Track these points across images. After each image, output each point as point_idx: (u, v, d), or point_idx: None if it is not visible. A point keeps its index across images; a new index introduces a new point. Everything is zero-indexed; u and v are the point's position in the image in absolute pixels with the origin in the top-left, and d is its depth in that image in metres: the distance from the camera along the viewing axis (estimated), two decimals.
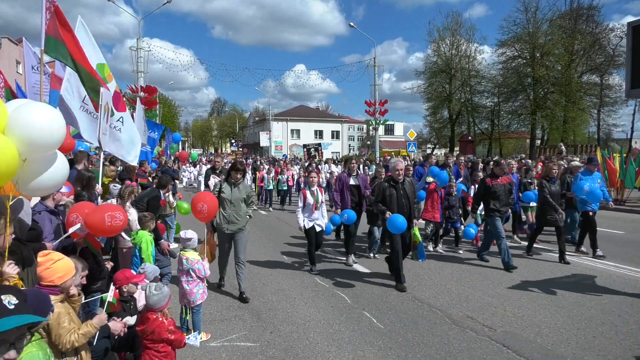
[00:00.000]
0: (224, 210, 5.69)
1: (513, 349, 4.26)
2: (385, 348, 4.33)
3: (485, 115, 44.38)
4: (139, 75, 24.78)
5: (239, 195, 5.76)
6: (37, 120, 2.40)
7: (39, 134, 2.39)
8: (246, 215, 5.85)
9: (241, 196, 5.77)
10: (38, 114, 2.43)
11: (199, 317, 4.53)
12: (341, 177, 7.69)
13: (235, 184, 5.77)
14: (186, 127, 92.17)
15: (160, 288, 3.27)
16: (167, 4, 26.26)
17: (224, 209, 5.69)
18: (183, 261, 4.49)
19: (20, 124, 2.34)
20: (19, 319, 1.67)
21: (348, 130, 68.01)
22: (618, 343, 4.41)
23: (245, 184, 5.99)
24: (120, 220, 3.71)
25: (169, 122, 59.97)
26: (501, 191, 7.41)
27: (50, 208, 4.19)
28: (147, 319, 3.20)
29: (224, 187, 5.76)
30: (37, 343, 2.02)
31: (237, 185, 5.78)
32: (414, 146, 29.45)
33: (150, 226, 5.13)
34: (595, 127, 39.49)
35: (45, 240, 3.77)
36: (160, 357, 3.16)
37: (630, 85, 5.18)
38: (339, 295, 5.92)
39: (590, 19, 37.50)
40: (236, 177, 5.76)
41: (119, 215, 3.70)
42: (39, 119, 2.41)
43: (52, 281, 2.60)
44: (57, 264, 2.65)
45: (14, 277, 2.38)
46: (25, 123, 2.36)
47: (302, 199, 6.94)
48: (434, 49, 44.34)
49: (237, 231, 5.76)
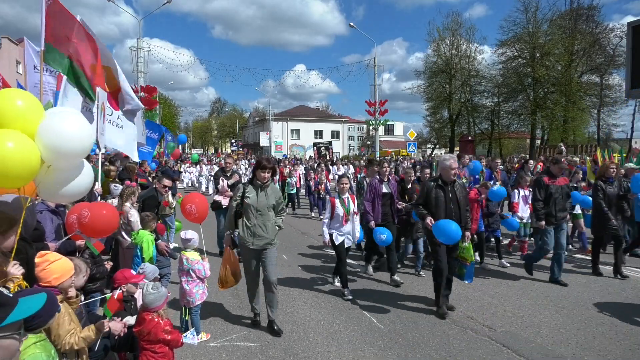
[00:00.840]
0: (248, 220, 4.65)
1: (513, 349, 4.27)
2: (385, 348, 4.34)
3: (485, 115, 44.37)
4: (139, 75, 24.79)
5: (266, 202, 4.66)
6: (66, 129, 2.42)
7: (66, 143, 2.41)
8: (276, 226, 4.76)
9: (269, 202, 4.68)
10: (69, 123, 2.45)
11: (197, 317, 4.53)
12: (372, 184, 6.56)
13: (263, 186, 4.68)
14: (186, 127, 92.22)
15: (157, 288, 3.27)
16: (167, 4, 26.27)
17: (248, 218, 4.65)
18: (183, 261, 4.50)
19: (49, 132, 2.36)
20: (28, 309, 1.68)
21: (348, 130, 68.00)
22: (618, 343, 4.42)
23: (274, 187, 4.84)
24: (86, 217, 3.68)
25: (169, 122, 60.00)
26: (558, 194, 6.35)
27: (51, 207, 4.19)
28: (143, 319, 3.20)
29: (248, 192, 4.68)
30: (41, 344, 2.01)
31: (265, 189, 4.69)
32: (414, 146, 29.50)
33: (152, 226, 5.14)
34: (595, 127, 39.53)
35: (46, 240, 3.78)
36: (158, 357, 3.16)
37: (630, 85, 5.19)
38: (338, 295, 5.91)
39: (590, 19, 37.50)
40: (263, 177, 4.65)
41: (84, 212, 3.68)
42: (68, 129, 2.43)
43: (49, 282, 2.60)
44: (53, 265, 2.65)
45: (19, 277, 2.38)
46: (55, 131, 2.38)
47: (330, 209, 5.87)
48: (434, 49, 44.36)
49: (265, 246, 4.66)
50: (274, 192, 4.80)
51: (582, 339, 4.51)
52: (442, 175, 5.25)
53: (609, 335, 4.60)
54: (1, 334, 1.45)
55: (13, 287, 2.30)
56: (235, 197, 4.80)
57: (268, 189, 4.72)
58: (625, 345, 4.38)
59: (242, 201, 4.70)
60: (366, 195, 6.59)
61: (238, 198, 4.73)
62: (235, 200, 4.77)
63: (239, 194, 4.76)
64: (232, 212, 4.78)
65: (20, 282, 2.37)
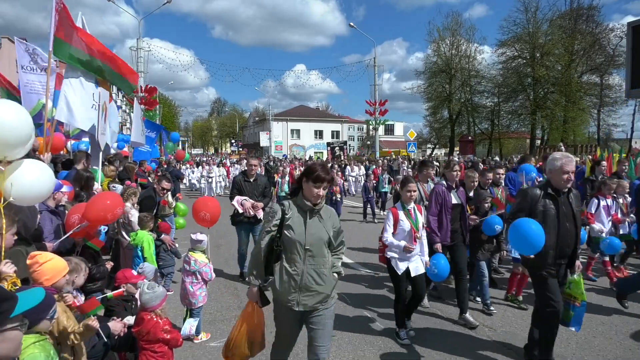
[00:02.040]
0: (289, 264, 2.92)
1: (513, 349, 4.27)
2: (385, 348, 4.33)
3: (485, 115, 44.35)
4: (139, 75, 24.82)
5: (320, 234, 2.95)
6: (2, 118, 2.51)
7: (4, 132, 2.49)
8: (334, 273, 3.04)
9: (324, 235, 2.97)
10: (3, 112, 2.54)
11: (198, 320, 4.51)
12: (439, 192, 5.01)
13: (314, 210, 2.95)
14: (186, 127, 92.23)
15: (153, 287, 3.27)
16: (167, 4, 26.31)
17: (289, 261, 2.92)
18: (191, 262, 4.43)
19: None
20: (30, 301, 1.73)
21: (348, 130, 67.98)
22: (618, 343, 4.42)
23: (329, 210, 3.11)
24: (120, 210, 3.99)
25: (169, 122, 60.03)
26: None
27: (51, 208, 4.19)
28: (142, 319, 3.20)
29: (290, 218, 2.94)
30: (40, 344, 2.01)
31: (317, 213, 2.98)
32: (414, 146, 29.49)
33: (150, 226, 5.14)
34: (595, 127, 39.53)
35: (45, 240, 3.78)
36: (157, 357, 3.15)
37: (630, 85, 5.19)
38: (339, 295, 5.91)
39: (590, 19, 37.50)
40: (316, 195, 2.90)
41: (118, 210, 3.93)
42: (3, 118, 2.51)
43: (41, 283, 2.59)
44: (44, 266, 2.63)
45: (11, 275, 2.38)
46: None
47: (392, 223, 4.47)
48: (434, 49, 44.33)
49: (316, 306, 2.94)
50: (331, 217, 3.05)
51: (582, 338, 4.51)
52: (551, 181, 3.84)
53: (609, 335, 4.60)
54: (10, 325, 1.52)
55: (7, 285, 2.30)
56: (269, 225, 2.95)
57: (323, 212, 3.00)
58: (625, 345, 4.38)
59: (279, 233, 2.92)
60: (431, 209, 4.99)
61: (273, 228, 2.94)
62: (268, 232, 2.94)
63: (275, 220, 2.94)
64: (263, 250, 2.95)
65: (14, 280, 2.38)
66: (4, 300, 1.49)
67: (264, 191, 6.53)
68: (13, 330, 1.54)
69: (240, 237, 6.61)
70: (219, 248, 8.73)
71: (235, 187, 6.48)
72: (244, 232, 6.57)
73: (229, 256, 8.12)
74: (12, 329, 1.53)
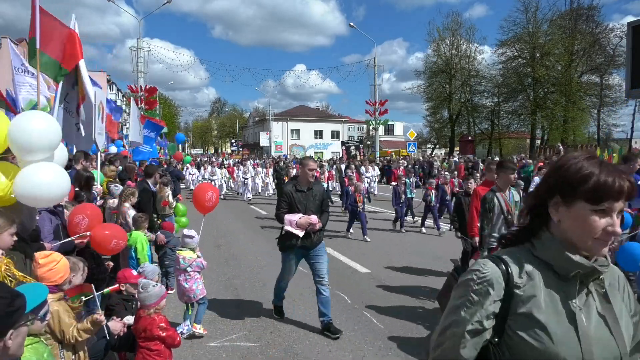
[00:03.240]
0: None
1: None
2: (385, 348, 4.33)
3: (485, 115, 44.37)
4: (139, 75, 24.83)
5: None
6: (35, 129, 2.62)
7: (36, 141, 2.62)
8: None
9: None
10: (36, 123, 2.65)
11: (204, 307, 4.63)
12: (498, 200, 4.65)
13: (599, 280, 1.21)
14: (186, 127, 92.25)
15: (147, 287, 3.28)
16: (167, 4, 26.32)
17: None
18: (180, 260, 4.51)
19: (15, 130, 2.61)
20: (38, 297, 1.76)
21: (348, 130, 67.95)
22: None
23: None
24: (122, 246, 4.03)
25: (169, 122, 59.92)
26: None
27: (50, 208, 4.19)
28: (139, 316, 3.21)
29: (530, 298, 1.17)
30: (33, 347, 2.00)
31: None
32: (414, 146, 29.51)
33: (144, 227, 5.17)
34: (595, 127, 39.56)
35: (45, 241, 3.78)
36: (153, 355, 3.13)
37: (630, 85, 5.19)
38: (339, 296, 5.91)
39: (590, 19, 37.51)
40: None
41: (122, 243, 3.98)
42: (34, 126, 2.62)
43: (55, 281, 2.66)
44: (58, 265, 2.71)
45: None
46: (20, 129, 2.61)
47: None
48: (434, 49, 44.34)
49: None
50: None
51: None
52: None
53: None
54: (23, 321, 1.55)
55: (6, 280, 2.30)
56: (474, 312, 1.20)
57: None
58: None
59: (499, 332, 1.20)
60: None
61: (486, 322, 1.20)
62: (474, 333, 1.20)
63: (490, 301, 1.19)
64: None
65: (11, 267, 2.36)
66: (16, 297, 1.52)
67: (322, 204, 4.79)
68: (24, 326, 1.58)
69: (288, 266, 4.94)
70: (219, 248, 8.73)
71: (284, 201, 4.73)
72: (295, 260, 4.88)
73: (228, 256, 8.13)
74: (24, 324, 1.57)
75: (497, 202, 4.63)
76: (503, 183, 4.75)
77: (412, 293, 6.00)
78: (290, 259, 4.85)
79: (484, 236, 4.76)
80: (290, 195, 4.69)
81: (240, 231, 10.64)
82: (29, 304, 1.60)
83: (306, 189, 4.71)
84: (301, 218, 4.55)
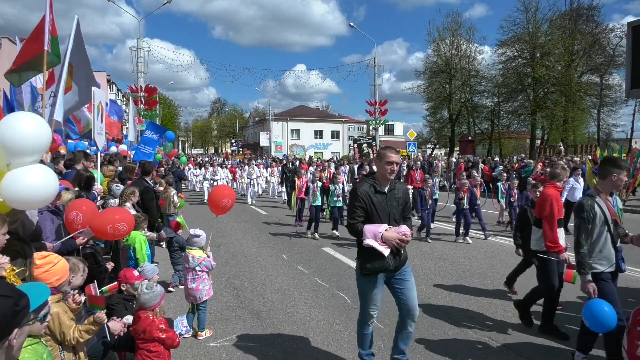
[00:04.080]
0: None
1: (513, 349, 4.26)
2: (385, 348, 4.33)
3: (485, 115, 44.38)
4: (139, 75, 24.83)
5: None
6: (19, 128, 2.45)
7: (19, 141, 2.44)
8: None
9: None
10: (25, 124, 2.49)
11: (204, 313, 4.60)
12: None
13: None
14: (186, 127, 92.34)
15: (151, 287, 3.28)
16: (167, 3, 26.32)
17: None
18: (189, 259, 4.53)
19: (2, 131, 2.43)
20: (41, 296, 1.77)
21: (348, 130, 67.96)
22: None
23: None
24: (124, 230, 3.86)
25: (169, 122, 60.03)
26: None
27: (51, 208, 4.19)
28: (138, 317, 3.21)
29: None
30: (32, 348, 2.00)
31: None
32: (414, 146, 29.47)
33: (143, 227, 5.17)
34: (595, 127, 39.59)
35: (47, 241, 3.78)
36: (152, 356, 3.14)
37: (630, 85, 5.19)
38: (339, 295, 5.91)
39: (590, 19, 37.51)
40: None
41: (121, 226, 3.82)
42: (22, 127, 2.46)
43: (51, 283, 2.62)
44: (56, 267, 2.67)
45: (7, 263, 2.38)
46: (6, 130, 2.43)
47: None
48: (434, 49, 44.34)
49: None
50: None
51: None
52: None
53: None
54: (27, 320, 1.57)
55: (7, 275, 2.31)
56: None
57: None
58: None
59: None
60: None
61: None
62: None
63: None
64: None
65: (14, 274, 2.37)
66: (20, 296, 1.53)
67: (404, 209, 3.69)
68: (27, 326, 1.59)
69: (373, 299, 3.67)
70: (219, 248, 8.73)
71: (359, 207, 3.52)
72: (381, 287, 3.66)
73: (228, 256, 8.13)
74: (27, 324, 1.59)
75: (600, 211, 3.62)
76: (610, 185, 3.67)
77: None
78: (374, 286, 3.60)
79: (582, 254, 3.63)
80: (367, 199, 3.50)
81: (240, 231, 10.64)
82: (31, 304, 1.60)
83: (387, 189, 3.57)
84: (388, 230, 3.42)
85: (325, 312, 5.33)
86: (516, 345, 4.34)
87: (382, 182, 3.57)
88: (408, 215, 3.74)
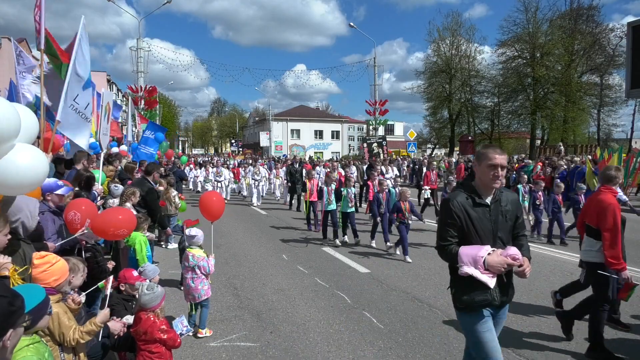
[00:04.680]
0: None
1: (513, 349, 4.27)
2: (385, 348, 4.33)
3: (485, 115, 44.43)
4: (139, 75, 24.82)
5: None
6: None
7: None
8: None
9: None
10: None
11: (207, 310, 4.63)
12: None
13: None
14: (186, 127, 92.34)
15: (152, 288, 3.28)
16: (167, 3, 26.32)
17: None
18: (189, 258, 4.55)
19: None
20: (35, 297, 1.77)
21: (348, 130, 67.99)
22: (618, 342, 4.41)
23: None
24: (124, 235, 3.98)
25: (169, 122, 59.99)
26: None
27: (53, 208, 4.19)
28: (139, 319, 3.20)
29: None
30: (34, 347, 2.00)
31: None
32: (414, 146, 29.51)
33: (144, 227, 5.17)
34: (595, 127, 39.64)
35: (49, 241, 3.78)
36: (154, 357, 3.14)
37: (630, 85, 5.18)
38: (339, 295, 5.91)
39: (590, 19, 37.56)
40: None
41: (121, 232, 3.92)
42: None
43: (49, 284, 2.61)
44: (54, 267, 2.66)
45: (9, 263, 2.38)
46: None
47: None
48: (434, 49, 44.41)
49: None
50: None
51: (582, 338, 4.51)
52: None
53: (609, 335, 4.59)
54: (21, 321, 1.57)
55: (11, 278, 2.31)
56: None
57: None
58: (625, 344, 4.38)
59: None
60: None
61: None
62: None
63: None
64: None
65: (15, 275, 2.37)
66: (15, 297, 1.53)
67: (515, 225, 2.86)
68: (21, 327, 1.59)
69: (489, 338, 2.86)
70: (219, 248, 8.73)
71: (453, 225, 2.73)
72: (492, 323, 2.88)
73: (228, 256, 8.13)
74: (21, 325, 1.59)
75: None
76: None
77: (412, 293, 6.01)
78: (484, 322, 2.81)
79: None
80: (463, 214, 2.69)
81: (240, 231, 10.63)
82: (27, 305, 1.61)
83: (490, 200, 2.74)
84: (491, 253, 2.64)
85: (325, 312, 5.34)
86: (516, 346, 4.34)
87: (483, 192, 2.73)
88: (522, 232, 2.89)
